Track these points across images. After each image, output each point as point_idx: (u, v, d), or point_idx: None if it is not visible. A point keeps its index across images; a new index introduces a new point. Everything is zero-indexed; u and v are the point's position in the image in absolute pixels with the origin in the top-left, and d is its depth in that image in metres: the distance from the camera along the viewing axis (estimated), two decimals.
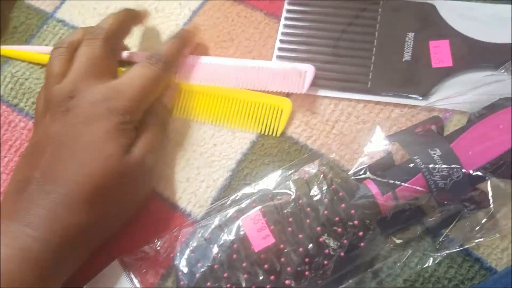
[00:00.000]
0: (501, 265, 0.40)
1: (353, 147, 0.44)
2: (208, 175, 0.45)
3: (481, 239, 0.40)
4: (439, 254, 0.39)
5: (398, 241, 0.40)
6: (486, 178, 0.38)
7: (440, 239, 0.39)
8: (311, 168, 0.41)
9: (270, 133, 0.46)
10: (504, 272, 0.38)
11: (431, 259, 0.40)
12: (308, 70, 0.46)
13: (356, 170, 0.40)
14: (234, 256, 0.37)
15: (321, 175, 0.39)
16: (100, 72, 0.42)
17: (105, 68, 0.42)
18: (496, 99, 0.41)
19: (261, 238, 0.37)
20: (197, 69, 0.48)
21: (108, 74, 0.42)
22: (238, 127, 0.47)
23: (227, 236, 0.38)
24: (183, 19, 0.51)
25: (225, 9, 0.51)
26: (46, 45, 0.52)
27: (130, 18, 0.47)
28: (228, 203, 0.42)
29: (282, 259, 0.36)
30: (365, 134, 0.43)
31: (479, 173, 0.37)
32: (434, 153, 0.38)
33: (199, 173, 0.45)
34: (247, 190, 0.42)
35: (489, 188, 0.38)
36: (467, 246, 0.40)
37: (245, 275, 0.36)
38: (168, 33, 0.51)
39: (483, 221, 0.39)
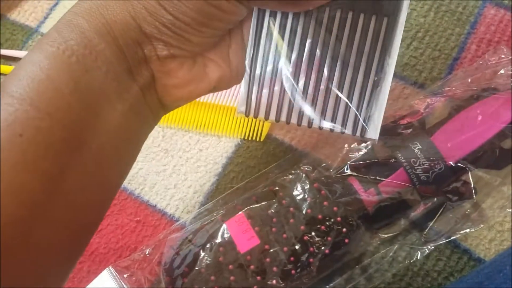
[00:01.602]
0: (490, 255, 0.40)
1: (337, 145, 0.44)
2: (195, 180, 0.46)
3: (467, 230, 0.40)
4: (426, 247, 0.40)
5: (384, 236, 0.40)
6: (467, 169, 0.38)
7: (426, 232, 0.40)
8: (295, 168, 0.41)
9: (254, 138, 0.46)
10: (489, 263, 0.39)
11: (419, 252, 0.40)
12: None
13: (339, 168, 0.40)
14: (220, 258, 0.37)
15: (304, 175, 0.39)
16: None
17: None
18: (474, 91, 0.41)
19: (246, 240, 0.37)
20: None
21: None
22: (222, 133, 0.47)
23: (213, 239, 0.38)
24: None
25: None
26: None
27: None
28: (214, 206, 0.43)
29: (268, 259, 0.36)
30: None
31: (460, 164, 0.38)
32: (415, 147, 0.38)
33: (186, 178, 0.46)
34: (233, 192, 0.43)
35: (470, 179, 0.38)
36: (453, 237, 0.40)
37: (232, 277, 0.36)
38: None
39: (468, 212, 0.40)
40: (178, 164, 0.46)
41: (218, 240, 0.38)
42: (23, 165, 0.25)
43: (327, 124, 0.35)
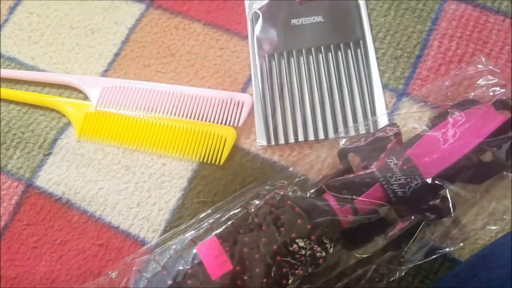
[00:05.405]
0: (464, 255, 0.37)
1: (311, 156, 0.40)
2: (159, 197, 0.40)
3: (446, 249, 0.36)
4: (404, 267, 0.35)
5: (361, 256, 0.35)
6: (444, 185, 0.34)
7: (404, 251, 0.35)
8: (268, 184, 0.37)
9: (213, 161, 0.41)
10: (463, 266, 0.36)
11: (397, 272, 0.36)
12: (246, 100, 0.42)
13: (314, 186, 0.36)
14: (189, 282, 0.33)
15: (277, 191, 0.35)
16: None
17: None
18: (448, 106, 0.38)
19: (218, 265, 0.32)
20: (129, 95, 0.43)
21: None
22: (181, 156, 0.41)
23: (184, 264, 0.33)
24: (121, 37, 0.46)
25: (162, 23, 0.46)
26: None
27: None
28: (183, 227, 0.38)
29: (239, 282, 0.32)
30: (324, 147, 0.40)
31: (436, 180, 0.34)
32: (391, 162, 0.34)
33: (149, 196, 0.40)
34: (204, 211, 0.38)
35: (448, 195, 0.34)
36: (432, 257, 0.36)
37: None
38: (106, 53, 0.47)
39: (447, 229, 0.36)
40: (140, 181, 0.41)
41: (189, 265, 0.33)
42: None
43: (342, 133, 0.40)
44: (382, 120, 0.40)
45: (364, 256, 0.35)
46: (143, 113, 0.43)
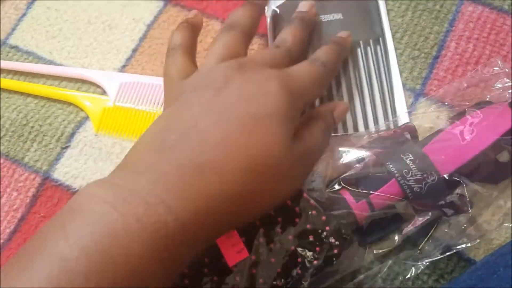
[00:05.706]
0: (479, 255, 0.37)
1: (327, 152, 0.40)
2: None
3: (463, 246, 0.35)
4: (420, 263, 0.35)
5: (377, 252, 0.36)
6: (462, 182, 0.34)
7: (420, 248, 0.36)
8: None
9: None
10: (480, 264, 0.35)
11: (413, 268, 0.36)
12: None
13: (329, 181, 0.36)
14: (205, 270, 0.33)
15: None
16: None
17: None
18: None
19: (235, 253, 0.33)
20: (147, 91, 0.44)
21: None
22: None
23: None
24: (138, 34, 0.47)
25: (180, 21, 0.47)
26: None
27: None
28: None
29: (254, 271, 0.32)
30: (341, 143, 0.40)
31: (454, 177, 0.34)
32: (407, 158, 0.34)
33: None
34: None
35: (466, 193, 0.34)
36: (448, 253, 0.35)
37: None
38: (124, 49, 0.47)
39: (464, 226, 0.36)
40: None
41: (205, 254, 0.33)
42: None
43: (362, 129, 0.40)
44: (403, 118, 0.40)
45: (380, 251, 0.35)
46: (160, 109, 0.43)
